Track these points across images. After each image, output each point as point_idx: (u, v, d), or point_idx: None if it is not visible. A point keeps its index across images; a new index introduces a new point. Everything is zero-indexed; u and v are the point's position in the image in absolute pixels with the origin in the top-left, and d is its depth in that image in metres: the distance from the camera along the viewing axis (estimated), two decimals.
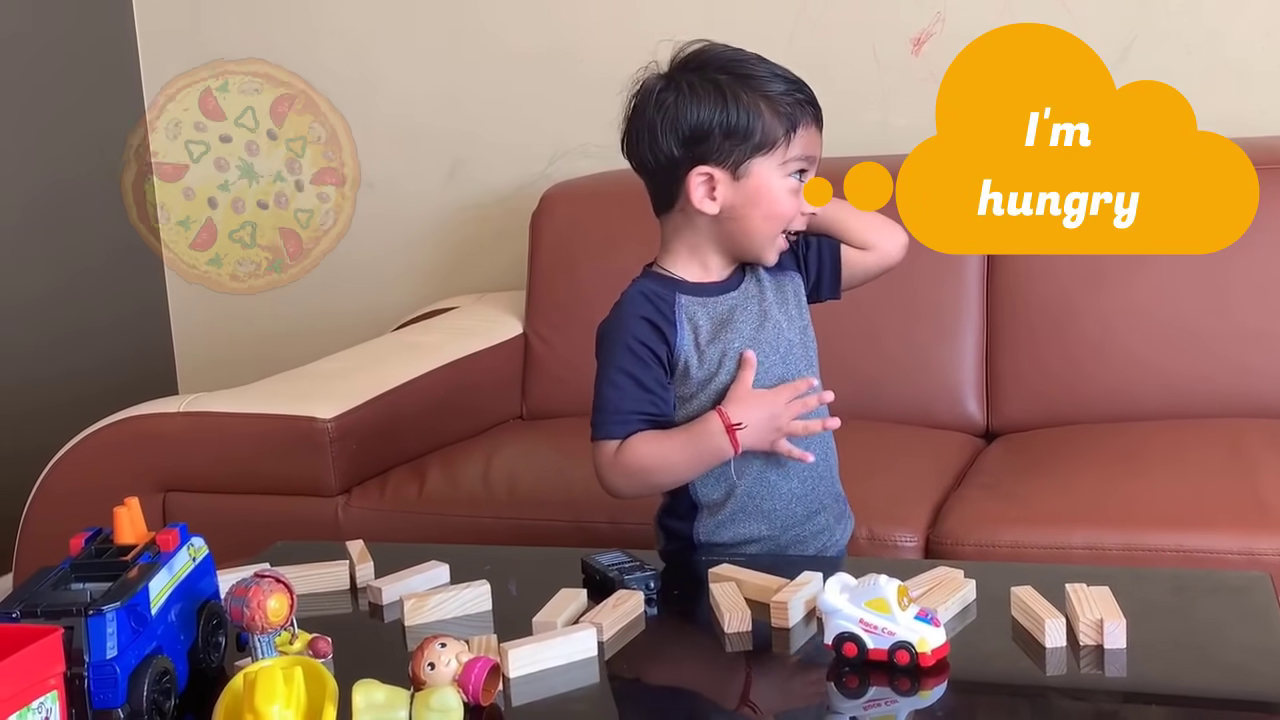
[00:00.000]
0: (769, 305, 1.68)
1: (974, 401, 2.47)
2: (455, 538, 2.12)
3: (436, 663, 1.23)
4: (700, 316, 1.64)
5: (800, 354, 1.68)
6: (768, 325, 1.66)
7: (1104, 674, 1.29)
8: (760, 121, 1.60)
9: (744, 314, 1.66)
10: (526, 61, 3.01)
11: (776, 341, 1.66)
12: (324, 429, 2.26)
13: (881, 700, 1.27)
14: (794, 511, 1.66)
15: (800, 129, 1.62)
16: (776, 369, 1.64)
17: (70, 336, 3.10)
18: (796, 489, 1.66)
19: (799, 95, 1.63)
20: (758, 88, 1.61)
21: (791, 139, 1.62)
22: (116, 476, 2.29)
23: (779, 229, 1.64)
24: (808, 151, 1.64)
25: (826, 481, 1.70)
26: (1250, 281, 2.34)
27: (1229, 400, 2.32)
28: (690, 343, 1.63)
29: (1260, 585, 1.45)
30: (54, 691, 1.16)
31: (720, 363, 1.63)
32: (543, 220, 2.76)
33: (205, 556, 1.40)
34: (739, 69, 1.63)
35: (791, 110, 1.62)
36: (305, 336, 3.12)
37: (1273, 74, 2.60)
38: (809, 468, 1.65)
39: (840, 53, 2.82)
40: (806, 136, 1.63)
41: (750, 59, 1.65)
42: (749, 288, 1.68)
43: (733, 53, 1.66)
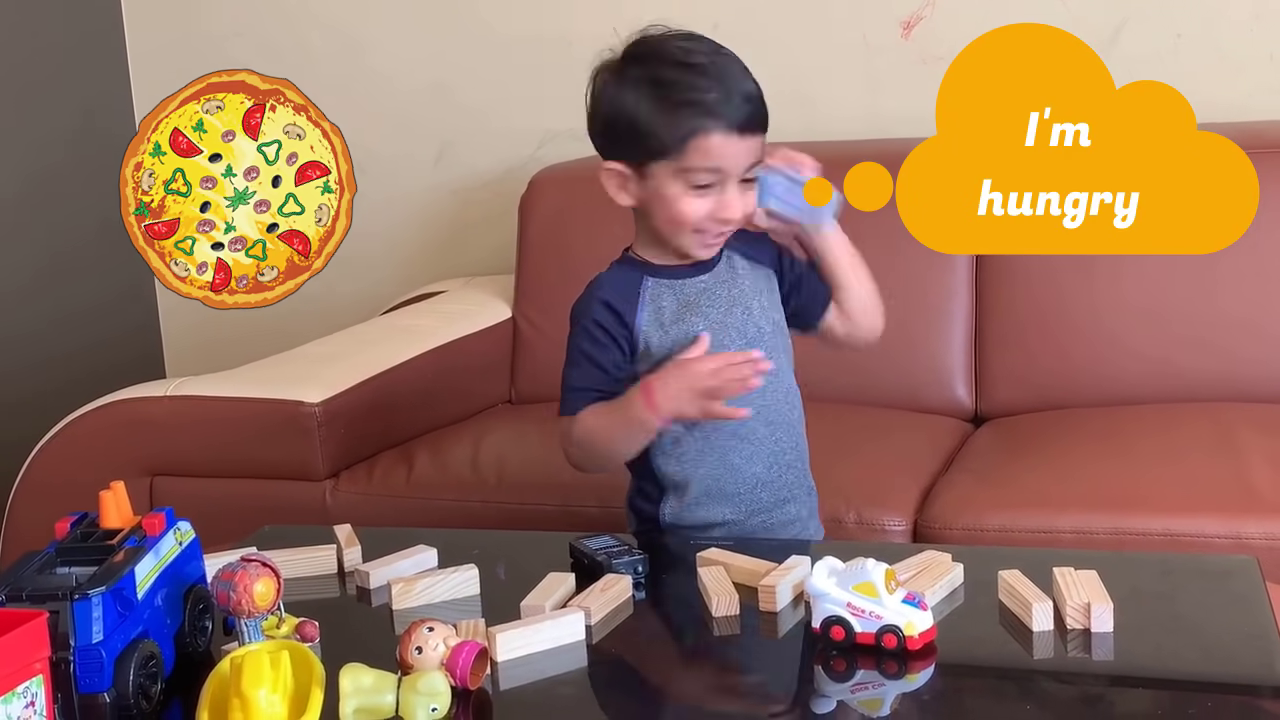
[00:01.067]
0: (741, 291, 1.67)
1: (962, 386, 2.47)
2: (443, 522, 2.12)
3: (424, 647, 1.23)
4: (666, 297, 1.65)
5: (770, 342, 1.66)
6: (736, 310, 1.65)
7: (1091, 657, 1.29)
8: (660, 126, 1.58)
9: (712, 297, 1.65)
10: (515, 45, 3.01)
11: (744, 327, 1.65)
12: (311, 413, 2.25)
13: (869, 683, 1.27)
14: (760, 497, 1.66)
15: (700, 138, 1.56)
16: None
17: (56, 320, 3.09)
18: (761, 474, 1.66)
19: (713, 103, 1.56)
20: (671, 93, 1.57)
21: (687, 148, 1.57)
22: (103, 460, 2.28)
23: (682, 233, 1.62)
24: (713, 162, 1.57)
25: (796, 471, 1.70)
26: (1238, 267, 2.33)
27: (1216, 385, 2.32)
28: (652, 323, 1.64)
29: (1247, 569, 1.45)
30: (39, 676, 1.16)
31: (668, 342, 1.63)
32: (531, 204, 2.75)
33: (192, 540, 1.40)
34: (664, 71, 1.59)
35: (697, 119, 1.56)
36: (293, 320, 3.11)
37: (1260, 58, 2.60)
38: (775, 455, 1.66)
39: (830, 36, 2.81)
40: (712, 147, 1.56)
41: (691, 58, 1.59)
42: (721, 271, 1.67)
43: (678, 48, 1.60)
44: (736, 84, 1.58)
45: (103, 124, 3.19)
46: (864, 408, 2.38)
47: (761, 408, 1.64)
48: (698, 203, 1.59)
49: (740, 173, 1.59)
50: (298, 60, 3.05)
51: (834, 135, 2.78)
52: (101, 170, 3.11)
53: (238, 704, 1.15)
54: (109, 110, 3.22)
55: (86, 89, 3.17)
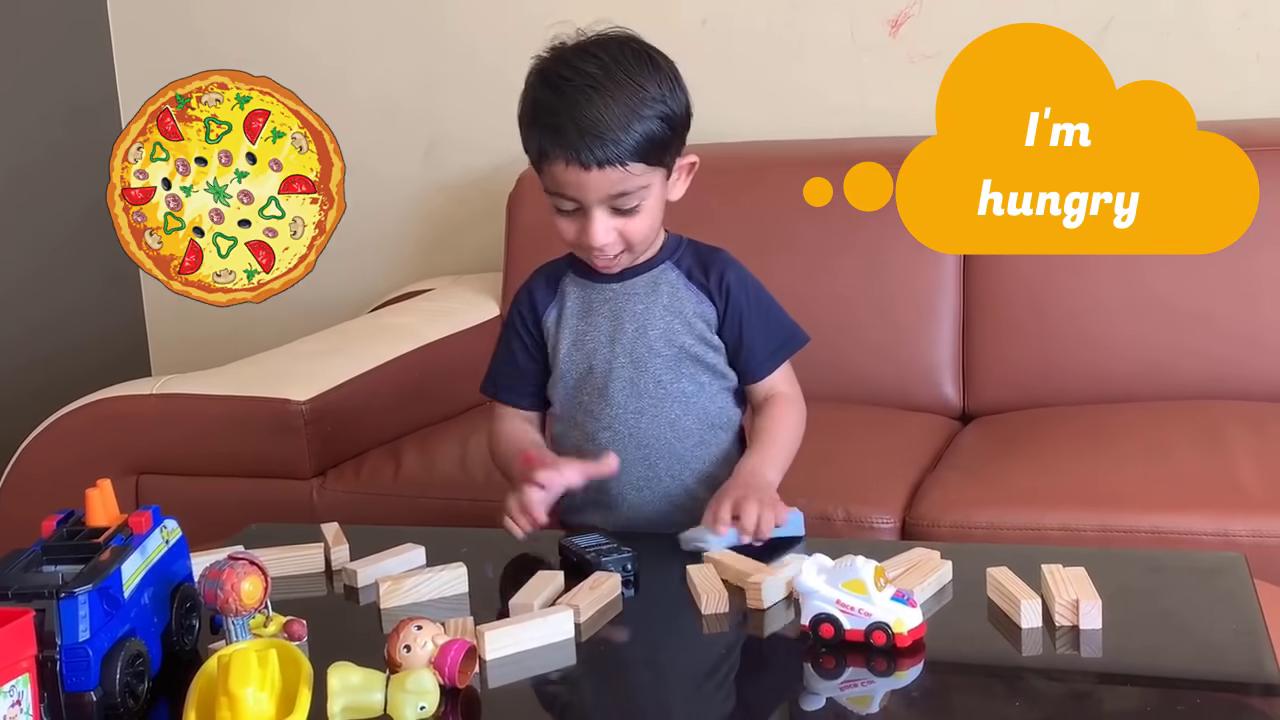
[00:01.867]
0: (649, 307, 1.66)
1: (950, 384, 2.47)
2: (431, 520, 2.11)
3: (412, 645, 1.23)
4: (573, 296, 1.68)
5: (665, 365, 1.65)
6: (629, 327, 1.65)
7: (1079, 654, 1.29)
8: (527, 144, 1.60)
9: (613, 308, 1.66)
10: (503, 41, 3.00)
11: (634, 345, 1.65)
12: (298, 411, 2.25)
13: (858, 681, 1.27)
14: (631, 520, 1.67)
15: (548, 165, 1.57)
16: (626, 371, 1.66)
17: (41, 318, 3.07)
18: (630, 496, 1.67)
19: (558, 132, 1.54)
20: (531, 112, 1.59)
21: (543, 170, 1.59)
22: (89, 459, 2.28)
23: (571, 245, 1.64)
24: (564, 190, 1.57)
25: (677, 500, 1.67)
26: (1225, 265, 2.34)
27: (1204, 383, 2.33)
28: (554, 319, 1.69)
29: (1235, 566, 1.45)
30: (25, 674, 1.15)
31: (565, 344, 1.67)
32: (519, 202, 2.75)
33: (179, 539, 1.39)
34: (536, 89, 1.59)
35: (545, 145, 1.56)
36: (279, 317, 3.10)
37: (1247, 56, 2.61)
38: (649, 480, 1.67)
39: (818, 33, 2.81)
40: (559, 174, 1.56)
41: (561, 82, 1.56)
42: (638, 284, 1.67)
43: (561, 67, 1.58)
44: (595, 114, 1.53)
45: (87, 119, 3.18)
46: (852, 405, 2.38)
47: (634, 428, 1.65)
48: (565, 224, 1.61)
49: (598, 202, 1.57)
50: (284, 55, 3.04)
51: (821, 133, 2.78)
52: (85, 166, 3.10)
53: (225, 702, 1.15)
54: (93, 106, 3.20)
55: (70, 84, 3.15)
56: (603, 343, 1.66)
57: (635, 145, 1.54)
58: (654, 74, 1.57)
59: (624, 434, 1.66)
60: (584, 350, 1.67)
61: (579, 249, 1.63)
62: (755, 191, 2.56)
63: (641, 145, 1.55)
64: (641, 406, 1.65)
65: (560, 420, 1.72)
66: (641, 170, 1.56)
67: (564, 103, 1.55)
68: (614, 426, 1.66)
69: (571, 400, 1.69)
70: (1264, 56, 2.60)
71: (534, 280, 1.73)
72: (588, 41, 1.59)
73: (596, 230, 1.58)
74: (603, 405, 1.66)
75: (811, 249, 2.50)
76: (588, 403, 1.67)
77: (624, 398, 1.65)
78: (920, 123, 2.73)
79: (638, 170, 1.55)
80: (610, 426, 1.66)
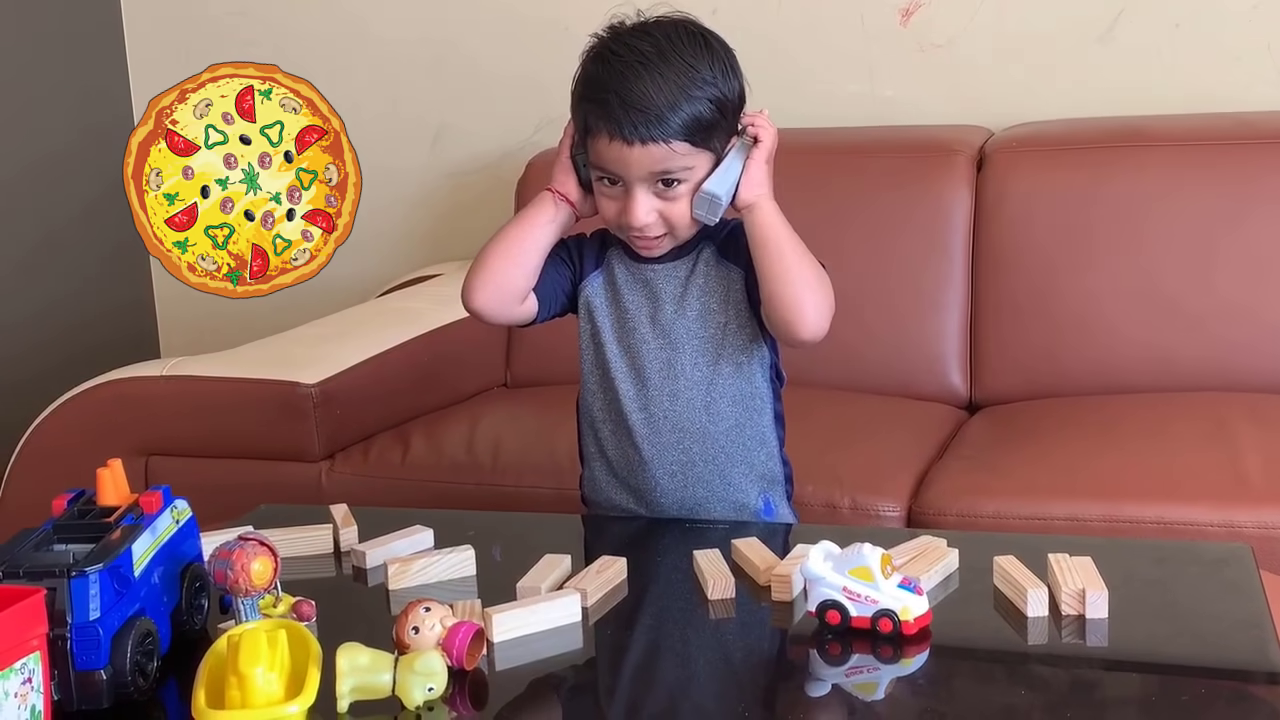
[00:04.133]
0: (688, 289, 1.65)
1: (957, 373, 2.47)
2: (438, 504, 2.12)
3: (421, 627, 1.24)
4: (617, 271, 1.66)
5: (702, 348, 1.64)
6: (667, 308, 1.64)
7: (1085, 643, 1.30)
8: (575, 117, 1.60)
9: (650, 289, 1.64)
10: (512, 27, 3.00)
11: (671, 326, 1.64)
12: (308, 394, 2.25)
13: (864, 667, 1.28)
14: (660, 501, 1.66)
15: (593, 139, 1.57)
16: (664, 353, 1.64)
17: (51, 300, 3.08)
18: (663, 480, 1.65)
19: (604, 106, 1.54)
20: (582, 86, 1.59)
21: (590, 144, 1.58)
22: (99, 440, 2.28)
23: (612, 225, 1.63)
24: (607, 165, 1.56)
25: (710, 486, 1.66)
26: (1234, 257, 2.34)
27: (1210, 374, 2.33)
28: (598, 287, 1.66)
29: (1240, 557, 1.46)
30: (36, 653, 1.16)
31: (603, 320, 1.65)
32: (528, 188, 2.74)
33: (189, 519, 1.40)
34: (589, 64, 1.59)
35: (592, 119, 1.56)
36: (289, 301, 3.11)
37: (1259, 49, 2.60)
38: (682, 465, 1.64)
39: (828, 22, 2.81)
40: (602, 149, 1.56)
41: (612, 57, 1.56)
42: (679, 267, 1.65)
43: (614, 43, 1.58)
44: (634, 91, 1.53)
45: (98, 106, 3.18)
46: (859, 395, 2.39)
47: (669, 411, 1.64)
48: (608, 201, 1.60)
49: (640, 180, 1.56)
50: (293, 41, 3.05)
51: (832, 122, 2.78)
52: (96, 149, 3.11)
53: (234, 682, 1.15)
54: (105, 92, 3.21)
55: (82, 71, 3.16)
56: (642, 322, 1.64)
57: (682, 124, 1.54)
58: (707, 56, 1.57)
59: (659, 416, 1.64)
60: (623, 329, 1.65)
61: (620, 230, 1.62)
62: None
63: (689, 125, 1.54)
64: (677, 390, 1.63)
65: (592, 397, 1.68)
66: (686, 150, 1.55)
67: (613, 78, 1.55)
68: (649, 409, 1.64)
69: (606, 380, 1.66)
70: (1275, 48, 2.59)
71: (587, 241, 1.69)
72: (645, 22, 1.60)
73: (638, 209, 1.57)
74: (639, 387, 1.64)
75: (819, 238, 2.47)
76: (623, 384, 1.65)
77: (661, 379, 1.64)
78: (930, 112, 2.76)
79: (682, 150, 1.55)
80: (645, 408, 1.64)
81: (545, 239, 1.63)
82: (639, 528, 1.64)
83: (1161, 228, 2.37)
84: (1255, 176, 2.37)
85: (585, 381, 1.69)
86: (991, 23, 2.73)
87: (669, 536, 1.62)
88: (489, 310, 1.65)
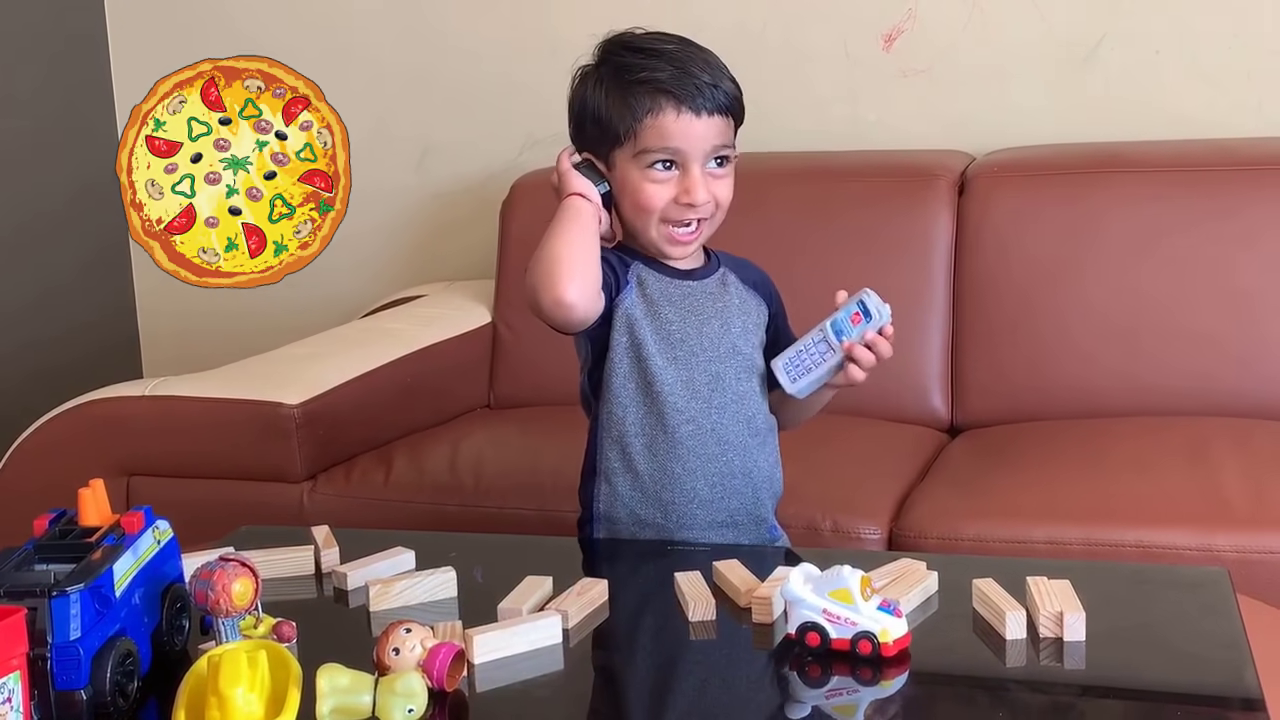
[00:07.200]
0: (725, 305, 1.67)
1: (939, 396, 2.48)
2: (421, 525, 2.12)
3: (401, 648, 1.24)
4: (651, 285, 1.64)
5: (742, 363, 1.66)
6: (714, 321, 1.65)
7: (1063, 666, 1.30)
8: (611, 113, 1.59)
9: (693, 302, 1.65)
10: (498, 48, 3.01)
11: (719, 339, 1.65)
12: (290, 415, 2.25)
13: (843, 690, 1.28)
14: (694, 514, 1.65)
15: (652, 117, 1.57)
16: (712, 366, 1.64)
17: (33, 316, 3.07)
18: (702, 491, 1.64)
19: (666, 80, 1.57)
20: (627, 75, 1.59)
21: (638, 130, 1.58)
22: (80, 460, 2.28)
23: (649, 220, 1.62)
24: (669, 142, 1.58)
25: (743, 498, 1.66)
26: (1212, 283, 2.36)
27: (1190, 399, 2.34)
28: (634, 299, 1.62)
29: (1218, 580, 1.46)
30: (16, 672, 1.16)
31: (646, 331, 1.61)
32: (513, 209, 2.76)
33: (170, 539, 1.40)
34: (625, 57, 1.60)
35: (649, 97, 1.57)
36: (272, 322, 3.11)
37: (1239, 75, 2.62)
38: (721, 476, 1.64)
39: (811, 47, 2.83)
40: (665, 125, 1.57)
41: (655, 45, 1.60)
42: (711, 284, 1.67)
43: (645, 37, 1.62)
44: (696, 66, 1.59)
45: (79, 112, 3.17)
46: (841, 416, 2.38)
47: (716, 424, 1.64)
48: (658, 188, 1.59)
49: (702, 155, 1.59)
50: (281, 62, 3.05)
51: (814, 146, 2.80)
52: (78, 156, 3.09)
53: (214, 703, 1.15)
54: (86, 99, 3.19)
55: (64, 78, 3.15)
56: (689, 335, 1.64)
57: (734, 99, 1.61)
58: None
59: (706, 429, 1.63)
60: (668, 341, 1.63)
61: (667, 217, 1.61)
62: (745, 204, 2.56)
63: (735, 103, 1.62)
64: (725, 402, 1.64)
65: (623, 410, 1.64)
66: (732, 129, 1.62)
67: (666, 59, 1.58)
68: (697, 420, 1.63)
69: (649, 392, 1.63)
70: (1255, 75, 2.62)
71: (610, 254, 1.64)
72: (647, 30, 1.64)
73: (701, 186, 1.58)
74: (689, 399, 1.63)
75: (800, 261, 2.50)
76: (672, 396, 1.63)
77: (709, 391, 1.64)
78: (912, 136, 2.78)
79: (731, 127, 1.61)
80: (693, 420, 1.63)
81: (598, 238, 1.63)
82: (621, 549, 1.65)
83: (1142, 253, 2.39)
84: (1235, 203, 2.39)
85: (614, 396, 1.64)
86: (973, 48, 2.75)
87: (650, 558, 1.62)
88: (582, 302, 1.56)
